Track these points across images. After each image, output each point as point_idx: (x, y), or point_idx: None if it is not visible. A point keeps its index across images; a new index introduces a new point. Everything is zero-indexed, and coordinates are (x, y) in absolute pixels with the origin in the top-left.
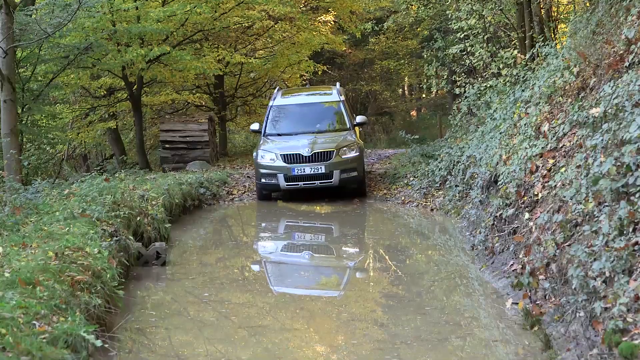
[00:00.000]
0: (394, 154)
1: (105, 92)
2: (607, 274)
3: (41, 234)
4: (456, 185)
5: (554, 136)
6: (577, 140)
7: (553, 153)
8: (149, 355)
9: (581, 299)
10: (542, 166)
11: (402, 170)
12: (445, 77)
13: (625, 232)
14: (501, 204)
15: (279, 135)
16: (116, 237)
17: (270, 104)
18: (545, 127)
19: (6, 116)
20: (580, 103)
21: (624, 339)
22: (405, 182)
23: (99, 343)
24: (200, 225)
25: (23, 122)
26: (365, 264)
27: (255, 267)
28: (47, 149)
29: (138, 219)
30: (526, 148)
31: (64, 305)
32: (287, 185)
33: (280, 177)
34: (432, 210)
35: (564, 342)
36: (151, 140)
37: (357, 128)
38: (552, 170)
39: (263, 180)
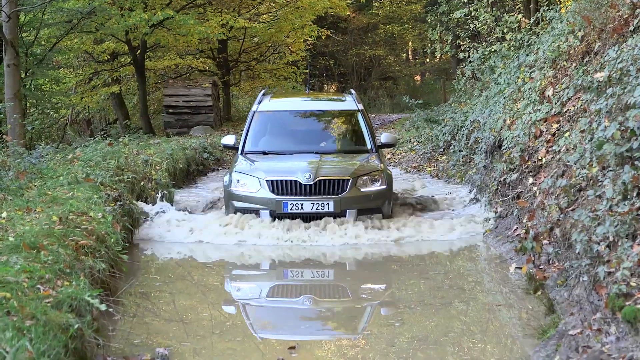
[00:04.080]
0: (398, 118)
1: (109, 57)
2: (611, 239)
3: (45, 198)
4: (460, 150)
5: (558, 101)
6: (581, 105)
7: (557, 118)
8: (153, 319)
9: (585, 263)
10: (546, 131)
11: (406, 135)
12: (449, 41)
13: (629, 197)
14: (505, 168)
15: (264, 154)
16: (120, 201)
17: (253, 109)
18: (549, 92)
19: (9, 80)
20: (585, 67)
21: (627, 303)
22: (409, 147)
23: (103, 307)
24: (205, 190)
25: (26, 86)
26: (367, 230)
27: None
28: (51, 113)
29: (142, 183)
30: (530, 113)
31: (68, 269)
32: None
33: (265, 214)
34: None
35: (568, 307)
36: (155, 104)
37: (381, 151)
38: (556, 134)
39: None
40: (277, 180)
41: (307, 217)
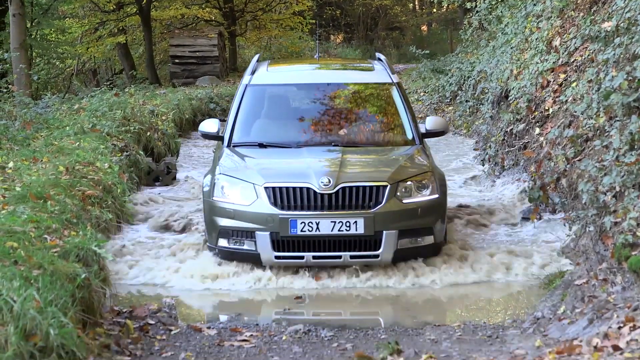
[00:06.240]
0: (405, 69)
1: (115, 7)
2: (617, 189)
3: (52, 148)
4: (467, 101)
5: (565, 50)
6: (588, 55)
7: (564, 68)
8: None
9: (591, 213)
10: (553, 81)
11: (413, 86)
12: None
13: (636, 147)
14: (512, 119)
15: (260, 146)
16: (126, 152)
17: (244, 81)
18: (556, 42)
19: (15, 30)
20: (592, 17)
21: (633, 253)
22: (416, 97)
23: (110, 257)
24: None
25: (32, 36)
26: None
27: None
28: (57, 63)
29: (148, 134)
30: (537, 63)
31: (75, 219)
32: (277, 257)
33: (263, 238)
34: None
35: (574, 257)
36: (161, 55)
37: (426, 142)
38: (563, 85)
39: (222, 243)
40: (280, 188)
41: (325, 244)
